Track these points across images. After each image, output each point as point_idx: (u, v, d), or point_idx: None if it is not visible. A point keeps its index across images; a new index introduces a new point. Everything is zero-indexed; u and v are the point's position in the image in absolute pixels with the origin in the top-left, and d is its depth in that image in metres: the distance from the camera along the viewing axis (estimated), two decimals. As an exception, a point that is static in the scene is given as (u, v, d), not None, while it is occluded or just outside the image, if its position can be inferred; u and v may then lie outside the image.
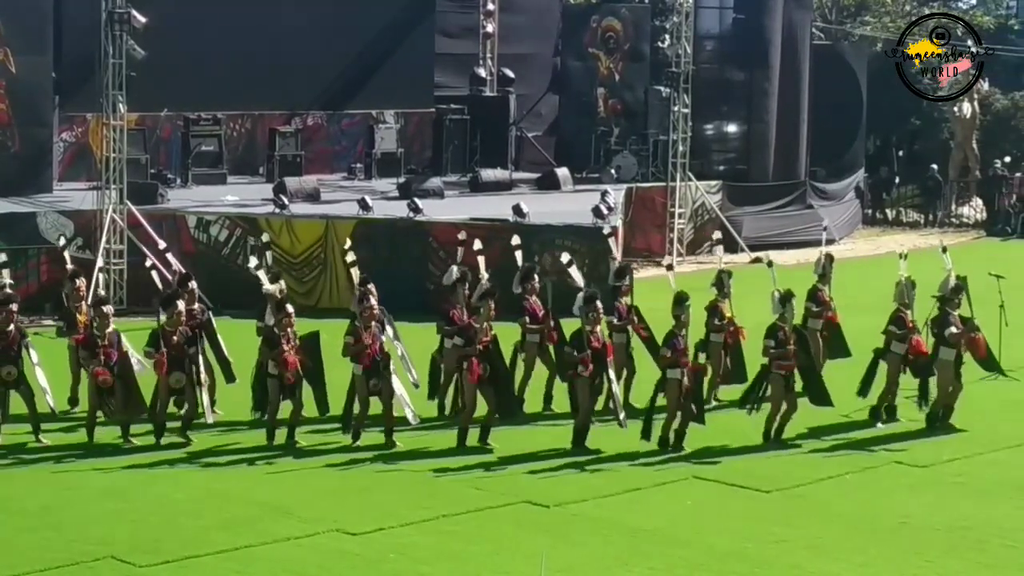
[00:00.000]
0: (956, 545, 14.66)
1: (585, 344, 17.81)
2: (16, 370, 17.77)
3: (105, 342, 17.84)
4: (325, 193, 30.91)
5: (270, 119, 34.41)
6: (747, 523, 15.26)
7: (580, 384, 17.94)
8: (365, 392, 17.84)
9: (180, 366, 17.89)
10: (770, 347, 18.18)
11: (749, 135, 37.42)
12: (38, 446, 17.66)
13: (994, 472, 17.31)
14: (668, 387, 17.77)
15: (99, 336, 17.89)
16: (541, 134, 38.57)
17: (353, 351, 17.77)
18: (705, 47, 37.22)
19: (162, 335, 17.85)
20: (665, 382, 17.80)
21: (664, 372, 17.84)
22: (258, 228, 27.44)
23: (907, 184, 44.87)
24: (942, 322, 19.22)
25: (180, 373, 17.89)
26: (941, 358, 19.10)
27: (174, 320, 17.98)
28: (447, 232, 26.83)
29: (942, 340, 19.10)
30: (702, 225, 35.01)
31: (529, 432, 18.29)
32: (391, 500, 15.83)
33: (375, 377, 17.75)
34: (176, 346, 17.88)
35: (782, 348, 18.15)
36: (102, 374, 17.64)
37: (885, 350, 19.40)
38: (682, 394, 17.70)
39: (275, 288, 18.85)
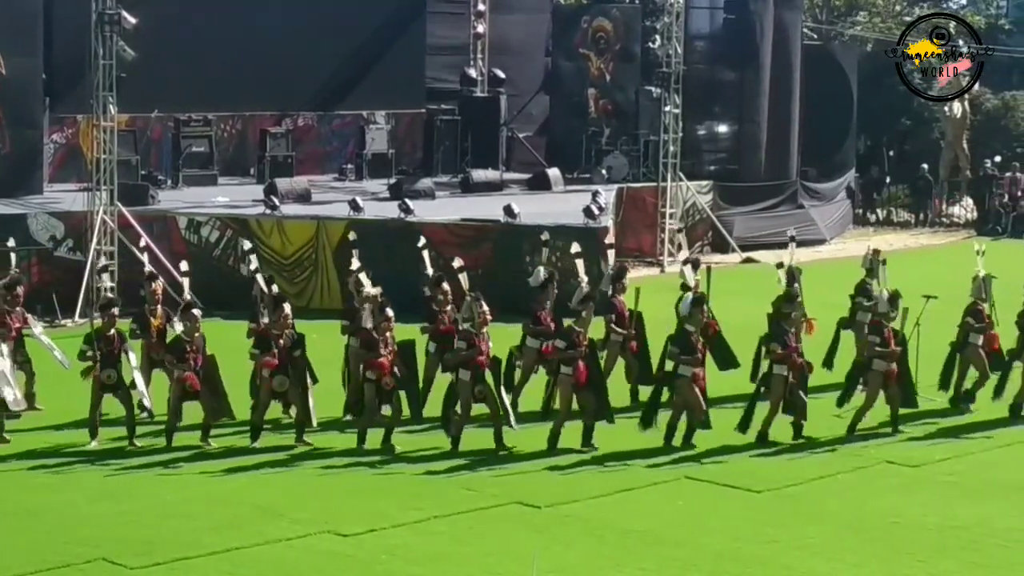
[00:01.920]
0: (948, 545, 14.67)
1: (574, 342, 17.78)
2: (116, 374, 17.77)
3: (193, 347, 17.77)
4: (316, 194, 30.89)
5: (261, 120, 34.37)
6: (739, 523, 15.27)
7: (563, 380, 17.88)
8: (470, 397, 17.75)
9: (284, 370, 17.82)
10: (875, 344, 18.52)
11: (740, 135, 37.43)
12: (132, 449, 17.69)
13: (985, 472, 17.33)
14: (774, 383, 18.07)
15: (188, 341, 17.79)
16: (532, 134, 38.56)
17: (465, 357, 17.68)
18: (696, 47, 37.22)
19: (269, 337, 17.84)
20: (772, 377, 18.10)
21: (771, 367, 18.16)
22: (249, 229, 27.45)
23: (898, 184, 44.93)
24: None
25: (284, 376, 17.82)
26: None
27: (280, 323, 17.94)
28: (438, 233, 26.84)
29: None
30: (693, 225, 35.04)
31: (521, 433, 18.25)
32: (383, 502, 15.83)
33: (481, 383, 17.68)
34: (282, 349, 17.82)
35: (885, 346, 18.46)
36: (190, 379, 17.57)
37: (963, 343, 19.99)
38: (787, 390, 17.99)
39: (376, 291, 18.61)
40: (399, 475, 16.88)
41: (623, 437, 17.90)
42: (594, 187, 31.80)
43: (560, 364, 17.89)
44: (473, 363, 17.60)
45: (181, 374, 17.63)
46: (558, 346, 17.96)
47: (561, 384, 17.96)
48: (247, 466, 17.15)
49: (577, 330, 17.84)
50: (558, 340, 18.07)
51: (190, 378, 17.58)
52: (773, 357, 18.18)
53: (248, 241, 19.94)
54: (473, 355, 17.60)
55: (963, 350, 20.09)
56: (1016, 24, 58.10)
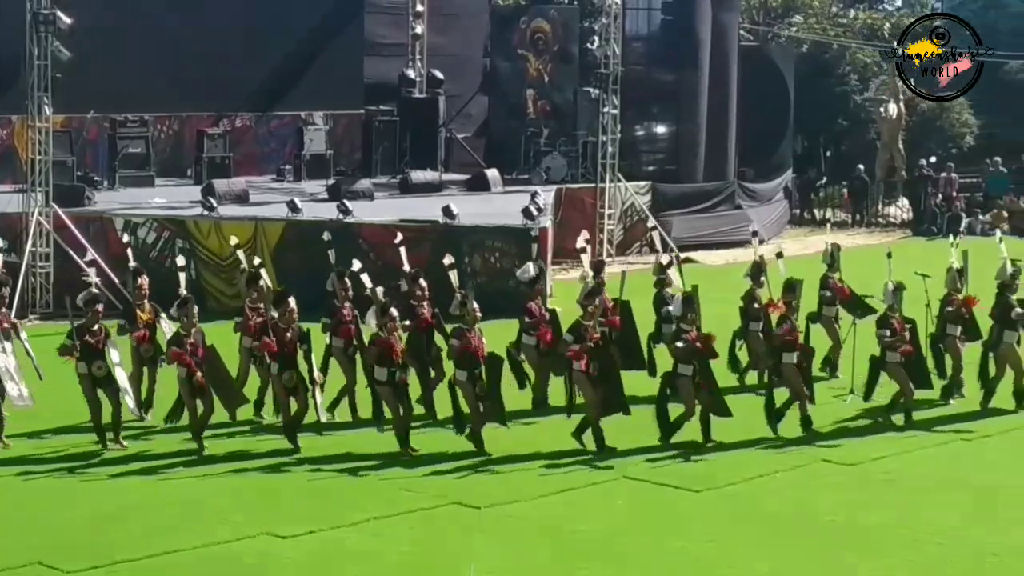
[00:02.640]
0: (886, 542, 14.76)
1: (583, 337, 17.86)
2: (106, 365, 17.64)
3: (191, 340, 17.61)
4: (254, 195, 30.77)
5: (198, 121, 34.21)
6: (678, 522, 15.31)
7: (578, 378, 17.96)
8: (473, 395, 17.70)
9: (293, 364, 17.73)
10: (885, 336, 18.97)
11: (678, 136, 37.56)
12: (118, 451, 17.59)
13: (923, 469, 17.44)
14: (786, 370, 18.51)
15: (186, 335, 17.64)
16: (471, 135, 38.56)
17: (459, 354, 17.65)
18: (634, 48, 37.30)
19: (274, 332, 17.72)
20: (782, 367, 18.52)
21: (780, 357, 18.52)
22: (186, 230, 27.32)
23: (834, 184, 45.19)
24: (1003, 307, 20.07)
25: (292, 372, 17.72)
26: (1005, 341, 19.99)
27: (287, 318, 17.83)
28: (377, 234, 26.80)
29: (1005, 323, 20.00)
30: (632, 226, 35.12)
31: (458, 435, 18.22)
32: (322, 503, 15.78)
33: (479, 382, 17.66)
34: (290, 344, 17.72)
35: (897, 336, 18.97)
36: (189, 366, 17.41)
37: (942, 334, 20.41)
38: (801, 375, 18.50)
39: (380, 291, 18.53)
40: (339, 476, 16.82)
41: (562, 437, 17.90)
42: (533, 188, 31.81)
43: (572, 360, 17.93)
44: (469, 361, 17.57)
45: (183, 370, 17.48)
46: (566, 341, 18.04)
47: (577, 380, 18.03)
48: (187, 468, 17.05)
49: (586, 324, 17.92)
50: (567, 335, 18.14)
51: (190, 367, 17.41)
52: (780, 343, 18.63)
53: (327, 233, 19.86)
54: (462, 346, 17.55)
55: (943, 341, 20.49)
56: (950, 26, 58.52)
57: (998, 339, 20.18)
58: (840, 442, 18.45)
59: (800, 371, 18.64)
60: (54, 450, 17.70)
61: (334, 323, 19.18)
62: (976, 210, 41.84)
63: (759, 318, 20.71)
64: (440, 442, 17.85)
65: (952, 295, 20.67)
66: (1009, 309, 20.11)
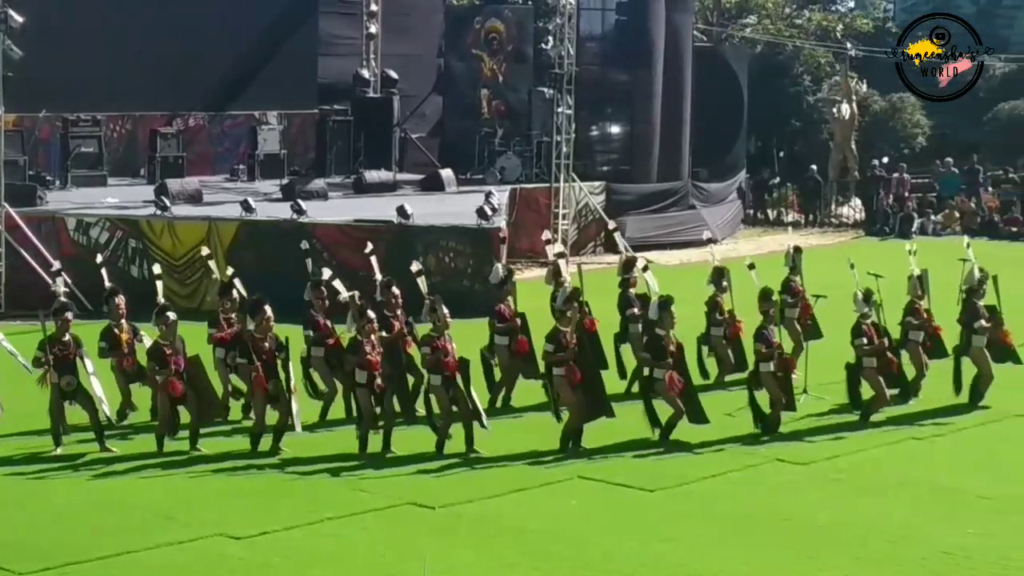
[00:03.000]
0: (837, 541, 14.82)
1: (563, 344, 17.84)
2: (75, 380, 17.48)
3: (170, 351, 17.49)
4: (207, 195, 30.67)
5: (151, 120, 34.07)
6: (632, 522, 15.34)
7: (560, 384, 17.91)
8: (446, 400, 17.64)
9: (274, 373, 17.57)
10: (863, 345, 19.24)
11: (632, 136, 37.65)
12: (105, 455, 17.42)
13: (874, 469, 17.53)
14: (764, 380, 18.60)
15: (166, 344, 17.50)
16: (425, 135, 38.54)
17: (431, 360, 17.60)
18: (588, 48, 37.38)
19: (251, 342, 17.55)
20: (760, 376, 18.64)
21: (758, 366, 18.68)
22: (139, 230, 27.21)
23: (787, 184, 45.38)
24: (970, 312, 20.44)
25: (275, 380, 17.56)
26: (974, 345, 20.35)
27: (263, 326, 17.66)
28: (331, 234, 26.76)
29: (972, 329, 20.33)
30: (586, 226, 35.18)
31: (413, 433, 18.21)
32: (276, 504, 15.74)
33: (452, 386, 17.58)
34: (268, 353, 17.57)
35: (872, 344, 19.25)
36: (172, 384, 17.30)
37: (904, 340, 20.56)
38: (778, 384, 18.64)
39: (354, 295, 18.34)
40: (292, 477, 16.79)
41: (514, 437, 17.92)
42: (487, 188, 31.84)
43: (552, 367, 17.91)
44: (441, 367, 17.51)
45: (163, 380, 17.37)
46: (547, 349, 17.96)
47: (559, 386, 17.93)
48: (141, 469, 16.98)
49: (564, 331, 17.86)
50: (547, 344, 18.03)
51: (172, 383, 17.32)
52: (757, 356, 18.72)
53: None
54: (439, 358, 17.52)
55: (905, 346, 20.58)
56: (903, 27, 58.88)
57: (967, 344, 20.44)
58: (793, 442, 18.52)
59: (777, 380, 18.72)
60: (11, 452, 17.56)
61: (317, 336, 19.07)
62: (928, 210, 42.10)
63: (721, 324, 21.01)
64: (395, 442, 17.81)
65: (915, 303, 20.73)
66: (976, 316, 20.37)
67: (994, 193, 43.33)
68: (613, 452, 17.83)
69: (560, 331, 17.89)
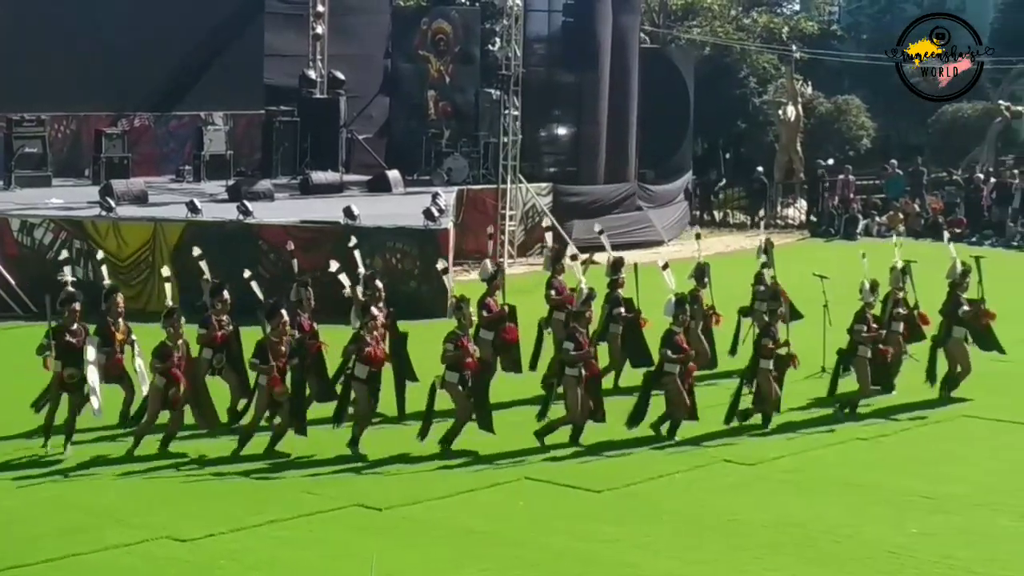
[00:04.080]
0: (784, 541, 14.90)
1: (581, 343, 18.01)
2: (79, 373, 17.34)
3: (179, 353, 17.37)
4: (153, 196, 30.49)
5: (96, 120, 33.86)
6: (579, 523, 15.36)
7: (569, 382, 18.02)
8: (461, 397, 17.72)
9: (284, 377, 17.47)
10: (861, 331, 19.78)
11: (579, 137, 37.69)
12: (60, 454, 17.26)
13: (820, 469, 17.62)
14: (760, 376, 18.91)
15: (173, 346, 17.36)
16: (372, 136, 38.43)
17: (453, 357, 17.59)
18: (535, 50, 37.39)
19: (269, 346, 17.43)
20: (758, 371, 18.95)
21: (757, 362, 18.99)
22: (84, 231, 27.04)
23: (734, 186, 45.56)
24: (953, 304, 21.01)
25: (284, 387, 17.44)
26: (953, 336, 20.92)
27: (279, 330, 17.56)
28: (277, 234, 26.67)
29: (954, 319, 20.90)
30: (532, 227, 35.19)
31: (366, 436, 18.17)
32: (222, 506, 15.68)
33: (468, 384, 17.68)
34: (282, 357, 17.46)
35: (872, 332, 19.85)
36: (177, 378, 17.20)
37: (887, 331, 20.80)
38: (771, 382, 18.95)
39: (359, 291, 18.31)
40: (239, 479, 16.73)
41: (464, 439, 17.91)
42: (434, 189, 31.79)
43: (565, 366, 18.05)
44: (461, 365, 17.58)
45: (161, 380, 17.24)
46: (566, 347, 18.10)
47: (567, 385, 18.06)
48: (87, 471, 16.88)
49: (581, 331, 18.06)
50: (565, 342, 18.21)
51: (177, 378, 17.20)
52: (761, 352, 18.99)
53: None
54: (460, 356, 17.61)
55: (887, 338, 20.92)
56: (848, 30, 59.23)
57: (947, 335, 20.99)
58: (740, 442, 18.60)
59: (770, 379, 18.99)
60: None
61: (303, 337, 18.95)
62: (873, 212, 42.34)
63: (699, 317, 21.25)
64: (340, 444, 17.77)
65: (895, 293, 21.19)
66: (958, 306, 20.96)
67: (938, 195, 43.62)
68: (560, 453, 17.85)
69: (577, 331, 18.09)
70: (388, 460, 17.47)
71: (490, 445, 17.80)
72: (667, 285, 20.26)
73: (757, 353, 19.11)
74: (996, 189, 41.87)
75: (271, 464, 17.23)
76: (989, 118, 48.24)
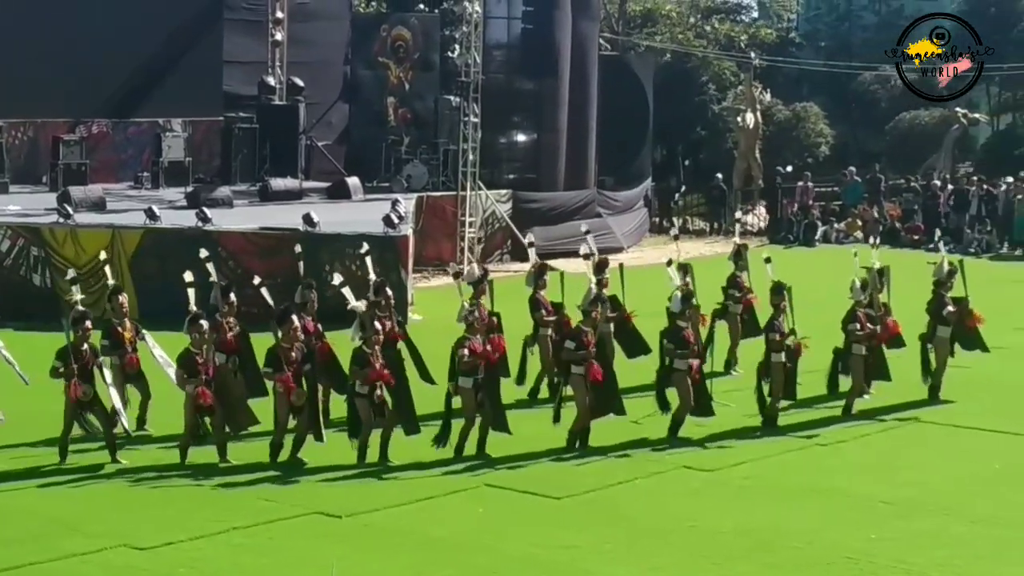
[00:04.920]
0: (743, 547, 14.92)
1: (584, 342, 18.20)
2: (92, 390, 17.23)
3: (203, 360, 17.26)
4: (111, 202, 30.41)
5: (53, 127, 33.75)
6: (539, 529, 15.36)
7: (577, 383, 18.22)
8: (473, 403, 17.73)
9: (299, 383, 17.39)
10: (855, 331, 20.24)
11: (539, 144, 37.75)
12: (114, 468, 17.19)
13: (779, 475, 17.66)
14: (773, 369, 19.38)
15: (197, 353, 17.25)
16: (331, 143, 38.45)
17: (468, 365, 17.63)
18: (494, 57, 37.47)
19: (280, 352, 17.37)
20: (770, 365, 19.37)
21: (769, 356, 19.41)
22: (41, 238, 26.92)
23: (693, 193, 45.70)
24: (938, 303, 21.35)
25: (300, 389, 17.39)
26: (938, 335, 21.30)
27: (291, 336, 17.48)
28: (236, 241, 26.61)
29: (939, 320, 21.27)
30: (492, 234, 35.23)
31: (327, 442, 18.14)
32: (181, 513, 15.61)
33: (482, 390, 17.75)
34: (295, 363, 17.39)
35: (867, 331, 20.31)
36: (205, 396, 17.07)
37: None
38: (786, 375, 19.38)
39: (362, 304, 18.16)
40: (197, 486, 16.67)
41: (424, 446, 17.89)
42: (394, 196, 31.81)
43: (571, 365, 18.23)
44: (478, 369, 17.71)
45: (194, 389, 17.14)
46: (568, 347, 18.31)
47: (575, 385, 18.25)
48: (43, 479, 16.79)
49: (586, 330, 18.24)
50: (568, 341, 18.42)
51: (204, 395, 17.11)
52: (769, 346, 19.42)
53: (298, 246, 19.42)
54: (477, 362, 17.69)
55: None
56: (806, 38, 59.53)
57: (932, 333, 21.35)
58: (700, 448, 18.63)
59: (784, 371, 19.47)
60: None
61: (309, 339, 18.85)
62: (831, 219, 42.54)
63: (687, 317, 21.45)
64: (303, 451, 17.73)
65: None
66: (943, 306, 21.32)
67: (896, 202, 43.86)
68: (520, 460, 17.85)
69: (582, 330, 18.30)
70: (348, 467, 17.43)
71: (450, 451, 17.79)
72: (672, 282, 20.50)
73: (768, 348, 19.56)
74: (953, 196, 42.12)
75: (230, 471, 17.18)
76: (946, 125, 48.57)
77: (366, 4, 45.75)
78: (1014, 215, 40.71)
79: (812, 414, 20.37)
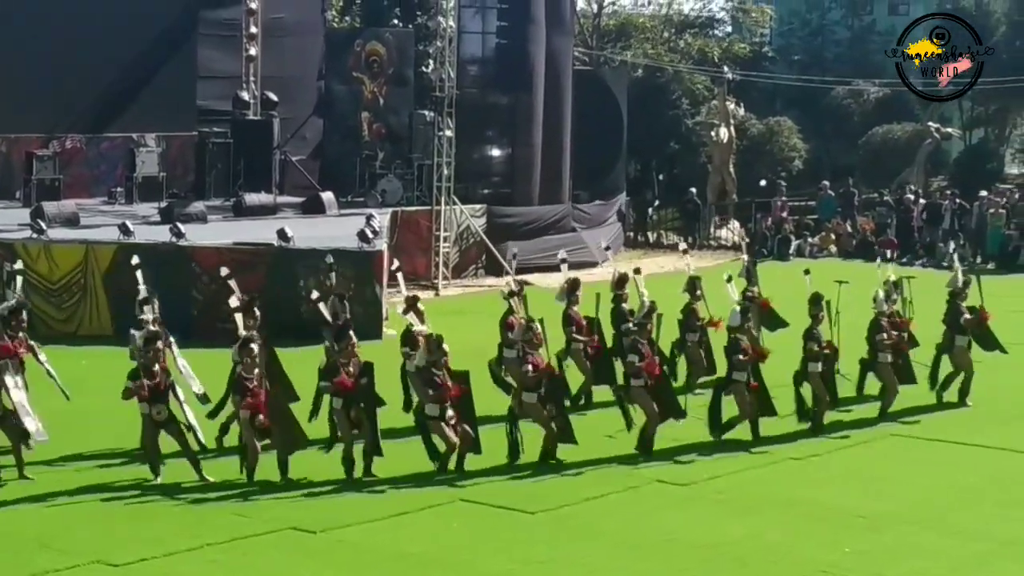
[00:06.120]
0: (719, 560, 14.93)
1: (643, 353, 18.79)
2: (167, 409, 17.19)
3: (255, 383, 17.19)
4: (85, 218, 30.34)
5: (26, 142, 33.66)
6: (514, 545, 15.34)
7: (636, 392, 18.75)
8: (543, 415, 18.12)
9: (354, 399, 17.35)
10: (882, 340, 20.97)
11: (513, 159, 37.76)
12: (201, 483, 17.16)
13: (754, 489, 17.68)
14: (812, 379, 19.97)
15: (248, 377, 17.20)
16: (305, 158, 38.43)
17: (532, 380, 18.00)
18: (469, 72, 37.48)
19: (337, 367, 17.38)
20: (808, 375, 19.95)
21: (806, 365, 19.93)
22: (15, 253, 26.82)
23: (667, 207, 45.77)
24: (954, 313, 21.90)
25: (357, 406, 17.35)
26: (957, 344, 21.78)
27: (348, 352, 17.44)
28: (210, 257, 26.55)
29: (956, 329, 21.78)
30: (467, 248, 35.22)
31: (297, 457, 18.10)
32: (154, 529, 15.55)
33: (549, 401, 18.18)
34: (354, 378, 17.35)
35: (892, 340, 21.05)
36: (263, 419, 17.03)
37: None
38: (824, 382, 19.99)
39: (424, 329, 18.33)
40: (173, 502, 16.61)
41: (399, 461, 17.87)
42: (368, 211, 31.80)
43: (631, 377, 18.83)
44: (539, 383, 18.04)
45: (247, 412, 17.12)
46: (631, 360, 18.83)
47: (636, 395, 18.81)
48: (16, 495, 16.71)
49: (643, 342, 18.80)
50: (629, 355, 18.98)
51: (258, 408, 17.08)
52: (807, 355, 19.95)
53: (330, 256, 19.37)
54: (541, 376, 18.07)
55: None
56: (779, 52, 59.70)
57: (950, 343, 21.80)
58: (673, 462, 18.64)
59: (824, 380, 19.99)
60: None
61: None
62: (805, 233, 42.64)
63: (696, 330, 22.21)
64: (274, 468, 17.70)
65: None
66: (959, 315, 21.78)
67: (869, 216, 43.98)
68: (494, 475, 17.84)
69: (640, 343, 18.79)
70: (322, 483, 17.39)
71: (422, 465, 17.77)
72: (730, 296, 21.27)
73: (805, 357, 19.95)
74: (927, 210, 42.25)
75: (204, 487, 17.13)
76: (919, 139, 48.77)
77: (340, 19, 45.79)
78: (987, 229, 40.87)
79: (784, 427, 20.38)
